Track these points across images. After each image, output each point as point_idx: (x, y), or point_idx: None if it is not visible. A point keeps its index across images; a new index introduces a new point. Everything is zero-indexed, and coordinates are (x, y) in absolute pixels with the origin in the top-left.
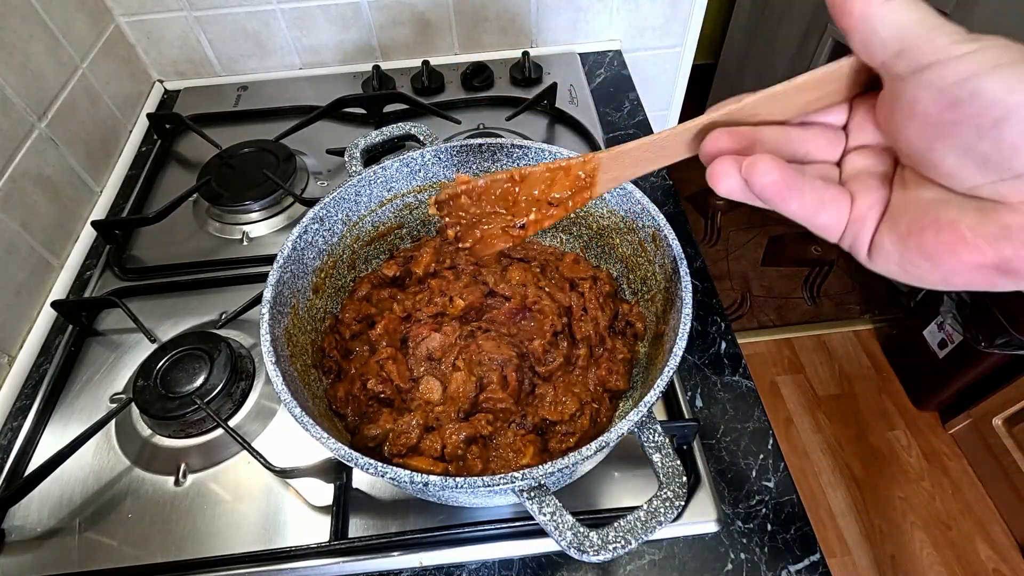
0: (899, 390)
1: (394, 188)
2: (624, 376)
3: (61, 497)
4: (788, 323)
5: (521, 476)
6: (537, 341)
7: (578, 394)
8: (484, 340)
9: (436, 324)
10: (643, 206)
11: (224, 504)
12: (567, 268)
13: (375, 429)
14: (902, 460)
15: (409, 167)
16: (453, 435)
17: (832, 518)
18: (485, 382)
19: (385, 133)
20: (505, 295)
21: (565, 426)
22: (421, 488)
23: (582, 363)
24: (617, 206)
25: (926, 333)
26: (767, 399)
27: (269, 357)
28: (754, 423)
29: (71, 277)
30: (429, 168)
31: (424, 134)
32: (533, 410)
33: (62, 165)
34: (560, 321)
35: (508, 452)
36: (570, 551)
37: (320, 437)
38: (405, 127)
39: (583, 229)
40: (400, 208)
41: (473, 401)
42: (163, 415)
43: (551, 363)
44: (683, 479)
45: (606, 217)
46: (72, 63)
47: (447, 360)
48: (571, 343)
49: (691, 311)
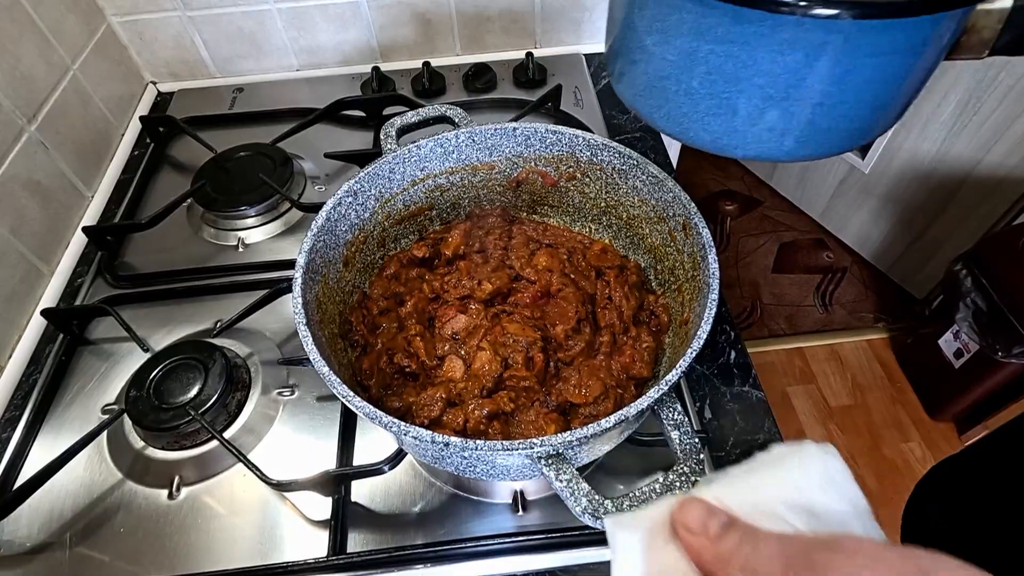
0: (914, 401)
1: (427, 168)
2: (648, 364)
3: (51, 511)
4: (799, 332)
5: (540, 442)
6: (560, 327)
7: (603, 379)
8: (508, 323)
9: (462, 306)
10: (675, 195)
11: (219, 518)
12: (594, 256)
13: (398, 401)
14: (917, 472)
15: (443, 147)
16: (476, 410)
17: None
18: (510, 361)
19: (421, 114)
20: (530, 279)
21: (589, 408)
22: (440, 451)
23: (605, 349)
24: (649, 195)
25: (941, 342)
26: (778, 410)
27: (300, 319)
28: (765, 435)
29: (62, 284)
30: (463, 150)
31: (459, 116)
32: (557, 391)
33: (52, 169)
34: (584, 308)
35: (530, 428)
36: (584, 517)
37: (346, 395)
38: (441, 108)
39: (613, 219)
40: (432, 188)
41: (497, 379)
42: (156, 426)
43: (572, 348)
44: (700, 456)
45: (636, 206)
46: (63, 64)
47: (471, 342)
48: (594, 329)
49: (717, 296)
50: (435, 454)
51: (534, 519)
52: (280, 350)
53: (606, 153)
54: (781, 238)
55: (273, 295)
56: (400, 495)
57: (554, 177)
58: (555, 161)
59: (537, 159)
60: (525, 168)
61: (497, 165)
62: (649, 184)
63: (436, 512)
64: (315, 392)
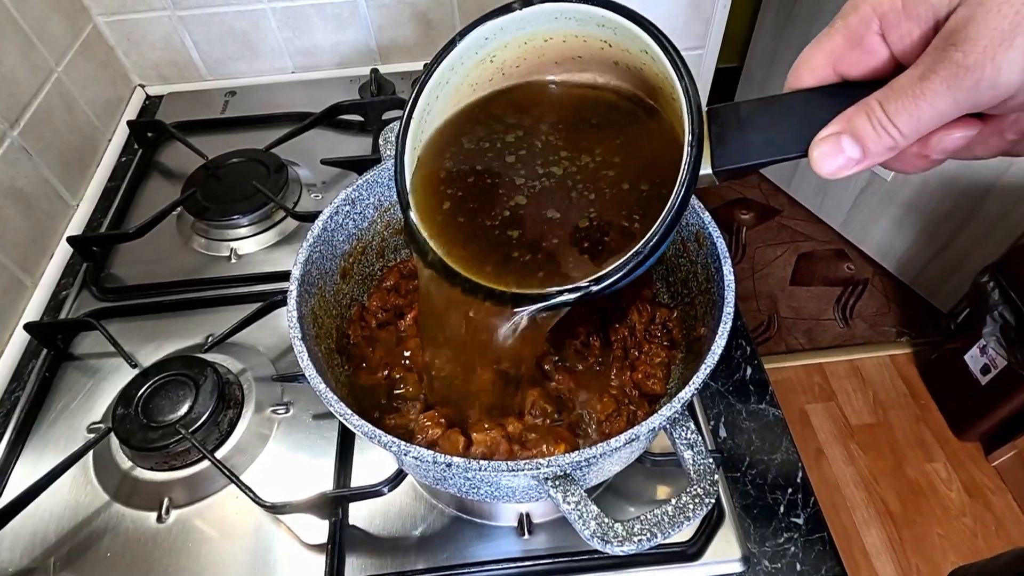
0: (938, 419)
1: None
2: (660, 380)
3: (35, 534)
4: (819, 347)
5: (547, 463)
6: (568, 341)
7: (615, 395)
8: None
9: None
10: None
11: (210, 542)
12: None
13: (398, 419)
14: (941, 494)
15: None
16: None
17: (866, 558)
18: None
19: None
20: None
21: (600, 427)
22: (442, 472)
23: (616, 364)
24: None
25: (967, 357)
26: (796, 429)
27: (295, 333)
28: (782, 455)
29: (45, 297)
30: None
31: None
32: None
33: (36, 176)
34: (593, 323)
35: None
36: (593, 541)
37: (344, 413)
38: None
39: None
40: None
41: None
42: (145, 446)
43: (582, 364)
44: (715, 477)
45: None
46: (47, 66)
47: None
48: (604, 345)
49: (733, 310)
50: (437, 475)
51: (541, 543)
52: (274, 366)
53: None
54: (799, 248)
55: (267, 308)
56: (400, 518)
57: None
58: None
59: None
60: None
61: None
62: None
63: (438, 536)
64: (311, 410)
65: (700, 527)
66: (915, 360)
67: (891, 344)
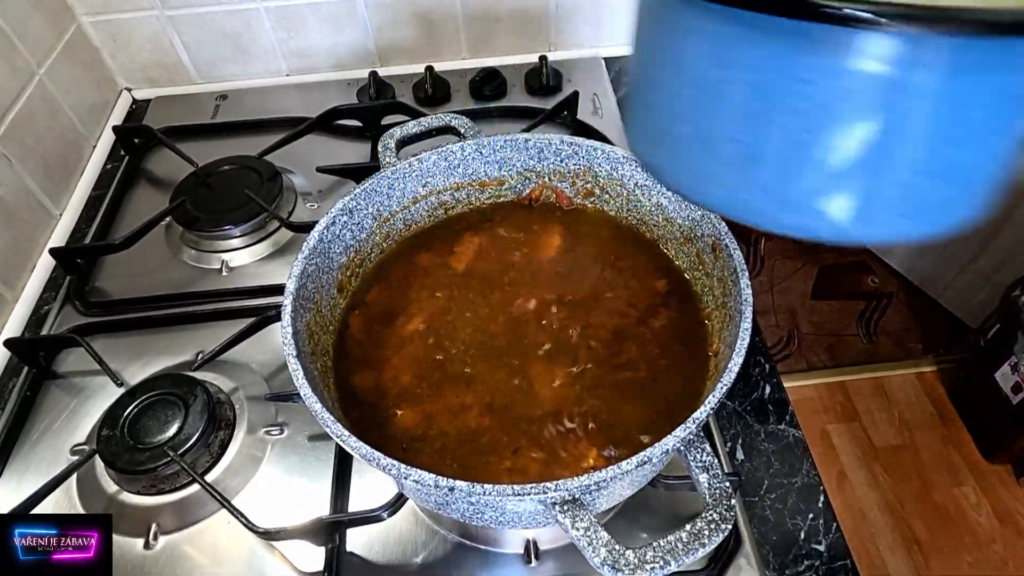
0: (967, 440)
1: (430, 184)
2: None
3: None
4: (841, 364)
5: (555, 487)
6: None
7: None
8: None
9: None
10: (704, 213)
11: (201, 569)
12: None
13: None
14: (970, 520)
15: (448, 161)
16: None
17: None
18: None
19: (423, 124)
20: None
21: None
22: (444, 496)
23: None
24: (675, 213)
25: (998, 376)
26: (817, 450)
27: (290, 350)
28: (803, 478)
29: (27, 312)
30: (469, 164)
31: (465, 126)
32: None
33: (16, 185)
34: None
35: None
36: (604, 569)
37: (341, 434)
38: (445, 118)
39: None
40: (435, 206)
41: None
42: (131, 469)
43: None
44: (731, 502)
45: (661, 226)
46: (28, 69)
47: None
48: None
49: (750, 325)
50: (439, 499)
51: (548, 571)
52: (268, 384)
53: (627, 167)
54: (821, 261)
55: (260, 324)
56: (400, 544)
57: (570, 195)
58: (571, 176)
59: (551, 174)
60: (538, 184)
61: (507, 181)
62: (675, 201)
63: (440, 563)
64: (306, 431)
65: (716, 554)
66: (942, 378)
67: (917, 361)
